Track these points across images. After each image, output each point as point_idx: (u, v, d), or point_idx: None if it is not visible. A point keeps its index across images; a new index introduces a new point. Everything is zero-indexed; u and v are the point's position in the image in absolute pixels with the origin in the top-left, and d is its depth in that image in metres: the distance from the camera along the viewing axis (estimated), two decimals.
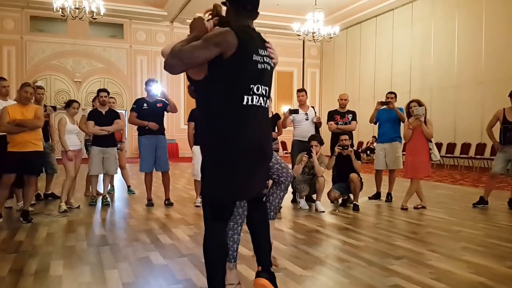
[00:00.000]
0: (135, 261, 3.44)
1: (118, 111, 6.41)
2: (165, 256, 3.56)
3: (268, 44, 2.36)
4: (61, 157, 5.77)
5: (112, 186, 7.15)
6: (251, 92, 2.21)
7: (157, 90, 6.02)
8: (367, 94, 16.68)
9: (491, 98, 11.47)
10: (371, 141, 14.87)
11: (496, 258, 3.50)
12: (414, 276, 3.04)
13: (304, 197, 5.89)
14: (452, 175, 10.74)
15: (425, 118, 5.67)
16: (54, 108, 6.48)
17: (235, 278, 2.52)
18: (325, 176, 5.81)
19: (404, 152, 6.11)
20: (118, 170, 6.56)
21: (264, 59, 2.28)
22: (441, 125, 12.04)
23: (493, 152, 8.50)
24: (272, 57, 2.35)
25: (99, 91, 6.13)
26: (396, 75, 15.62)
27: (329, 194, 5.99)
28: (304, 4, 14.89)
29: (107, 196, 6.27)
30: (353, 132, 6.42)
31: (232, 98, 2.19)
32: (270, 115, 2.51)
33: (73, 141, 5.75)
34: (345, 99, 6.54)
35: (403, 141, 6.15)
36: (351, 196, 5.99)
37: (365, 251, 3.71)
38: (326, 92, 20.03)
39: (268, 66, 2.31)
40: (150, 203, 6.06)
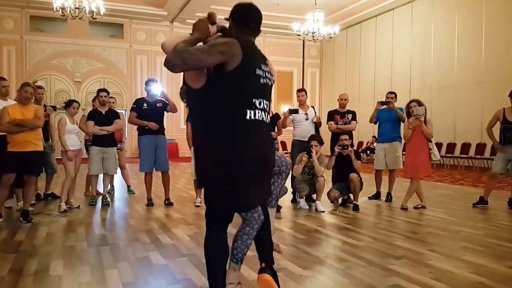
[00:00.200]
0: (135, 261, 3.44)
1: (118, 111, 6.41)
2: (165, 256, 3.56)
3: (267, 61, 2.38)
4: (61, 157, 5.77)
5: (112, 186, 7.16)
6: (254, 106, 2.20)
7: (157, 90, 6.03)
8: (367, 94, 16.67)
9: (491, 98, 11.47)
10: (371, 141, 14.87)
11: (496, 258, 3.50)
12: (414, 276, 3.04)
13: (304, 197, 5.89)
14: (452, 175, 10.74)
15: (425, 118, 5.67)
16: (54, 108, 6.49)
17: (236, 278, 2.53)
18: (325, 176, 5.81)
19: (404, 152, 6.11)
20: (118, 170, 6.56)
21: (266, 74, 2.29)
22: (441, 125, 12.04)
23: (493, 152, 8.51)
24: (272, 73, 2.37)
25: (99, 91, 6.13)
26: (396, 75, 15.61)
27: (329, 194, 5.99)
28: (304, 4, 14.89)
29: (107, 196, 6.27)
30: (353, 132, 6.42)
31: (235, 113, 2.17)
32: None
33: (73, 141, 5.75)
34: (345, 99, 6.54)
35: (403, 141, 6.15)
36: (351, 196, 5.99)
37: (365, 251, 3.71)
38: (326, 92, 20.02)
39: (269, 81, 2.32)
40: (150, 203, 6.06)
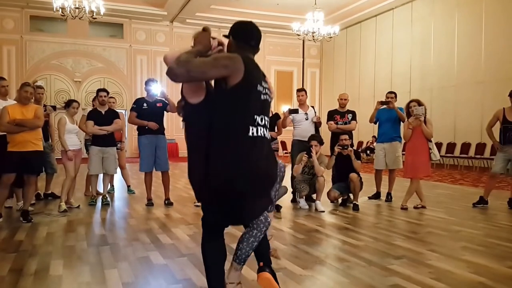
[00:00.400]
0: (135, 261, 3.44)
1: (118, 110, 6.41)
2: (165, 256, 3.56)
3: (266, 79, 2.39)
4: (61, 157, 5.78)
5: (112, 186, 7.16)
6: (256, 123, 2.20)
7: (157, 89, 6.03)
8: (367, 94, 16.67)
9: (491, 98, 11.46)
10: (371, 141, 14.86)
11: (496, 258, 3.50)
12: (414, 276, 3.04)
13: (304, 197, 5.89)
14: (452, 175, 10.74)
15: (425, 117, 5.67)
16: (54, 107, 6.48)
17: (237, 278, 2.54)
18: (325, 176, 5.81)
19: (404, 152, 6.11)
20: (118, 170, 6.56)
21: (266, 91, 2.30)
22: (441, 125, 12.04)
23: (493, 152, 8.51)
24: (271, 91, 2.38)
25: (99, 91, 6.13)
26: (396, 75, 15.61)
27: (329, 193, 5.99)
28: (304, 3, 14.88)
29: (107, 195, 6.27)
30: (353, 131, 6.42)
31: (238, 129, 2.16)
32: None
33: (73, 141, 5.75)
34: (345, 99, 6.54)
35: (403, 141, 6.15)
36: (351, 195, 5.99)
37: (365, 251, 3.71)
38: (326, 92, 20.02)
39: (268, 98, 2.33)
40: (150, 203, 6.06)
